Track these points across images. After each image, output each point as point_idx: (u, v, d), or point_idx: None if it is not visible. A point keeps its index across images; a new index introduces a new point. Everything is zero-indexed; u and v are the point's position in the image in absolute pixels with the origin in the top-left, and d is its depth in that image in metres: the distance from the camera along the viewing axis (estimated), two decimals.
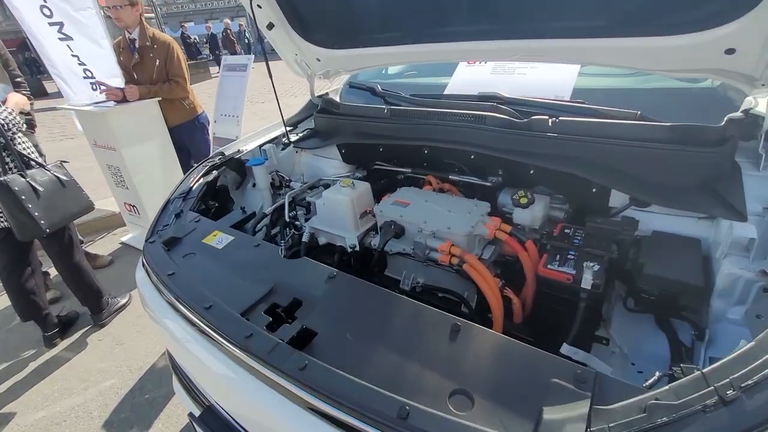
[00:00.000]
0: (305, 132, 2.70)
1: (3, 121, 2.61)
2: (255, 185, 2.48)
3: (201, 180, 2.12)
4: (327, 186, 2.40)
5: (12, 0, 4.02)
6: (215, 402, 1.36)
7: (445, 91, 2.34)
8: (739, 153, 1.50)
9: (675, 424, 0.73)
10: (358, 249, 2.02)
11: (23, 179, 2.65)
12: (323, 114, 2.58)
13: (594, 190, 1.62)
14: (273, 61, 2.06)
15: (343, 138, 2.38)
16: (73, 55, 4.55)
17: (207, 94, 9.82)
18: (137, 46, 3.75)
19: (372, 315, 1.14)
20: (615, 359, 1.53)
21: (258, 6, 2.00)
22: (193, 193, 1.99)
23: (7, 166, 2.70)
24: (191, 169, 2.27)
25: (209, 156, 2.36)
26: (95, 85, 4.59)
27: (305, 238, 2.08)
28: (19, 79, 3.55)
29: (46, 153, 3.51)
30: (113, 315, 3.50)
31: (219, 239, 1.60)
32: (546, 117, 1.78)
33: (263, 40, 2.13)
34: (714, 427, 0.71)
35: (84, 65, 4.62)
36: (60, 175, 2.86)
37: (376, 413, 0.86)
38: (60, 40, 4.43)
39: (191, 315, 1.23)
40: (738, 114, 1.52)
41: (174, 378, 1.82)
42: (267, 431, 1.09)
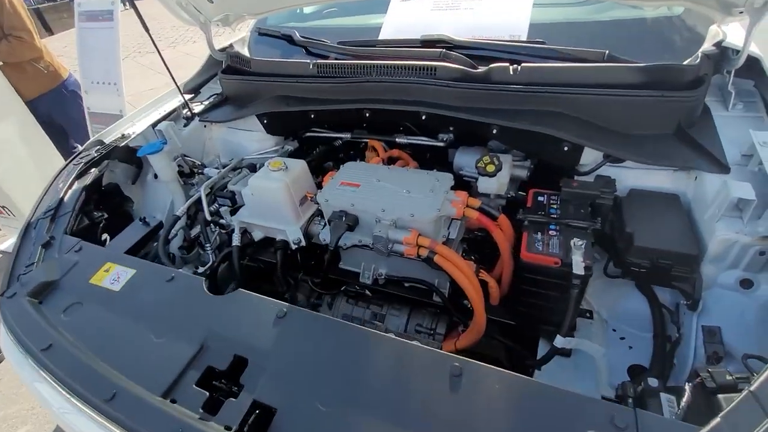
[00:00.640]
0: (212, 100, 2.15)
1: None
2: (157, 177, 1.96)
3: (75, 185, 1.58)
4: (252, 168, 1.97)
5: None
6: None
7: (380, 36, 1.93)
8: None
9: None
10: (304, 244, 1.69)
11: None
12: (231, 75, 2.04)
13: (566, 148, 1.43)
14: None
15: (263, 105, 1.91)
16: None
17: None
18: None
19: (346, 367, 0.88)
20: (594, 327, 1.47)
21: None
22: (67, 207, 1.47)
23: None
24: (60, 169, 1.69)
25: (81, 147, 1.77)
26: None
27: (236, 238, 1.70)
28: None
29: None
30: None
31: (114, 276, 1.17)
32: (506, 64, 1.50)
33: None
34: None
35: None
36: None
37: None
38: None
39: (89, 411, 0.87)
40: (711, 48, 1.37)
41: None
42: None
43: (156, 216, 1.95)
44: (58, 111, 3.33)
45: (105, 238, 1.64)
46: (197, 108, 2.11)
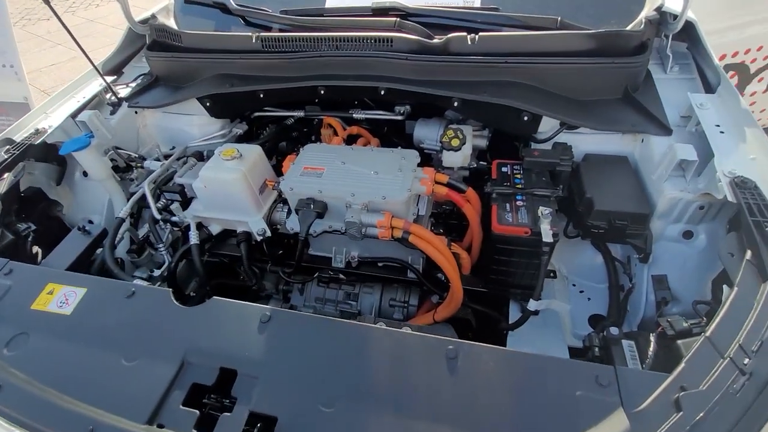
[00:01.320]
0: (139, 81, 1.90)
1: None
2: (87, 174, 1.73)
3: None
4: (199, 156, 1.81)
5: None
6: None
7: (326, 3, 1.79)
8: None
9: (713, 418, 0.70)
10: (269, 234, 1.62)
11: None
12: (159, 52, 1.81)
13: (525, 118, 1.46)
14: None
15: (204, 86, 1.73)
16: None
17: None
18: None
19: (342, 364, 0.87)
20: (557, 284, 1.59)
21: None
22: None
23: None
24: None
25: None
26: None
27: (194, 235, 1.57)
28: None
29: None
30: None
31: (61, 298, 1.04)
32: (464, 34, 1.47)
33: None
34: (750, 409, 0.69)
35: None
36: None
37: None
38: None
39: None
40: (653, 13, 1.44)
41: None
42: None
43: (92, 219, 1.75)
44: None
45: (37, 252, 1.44)
46: (123, 92, 1.86)
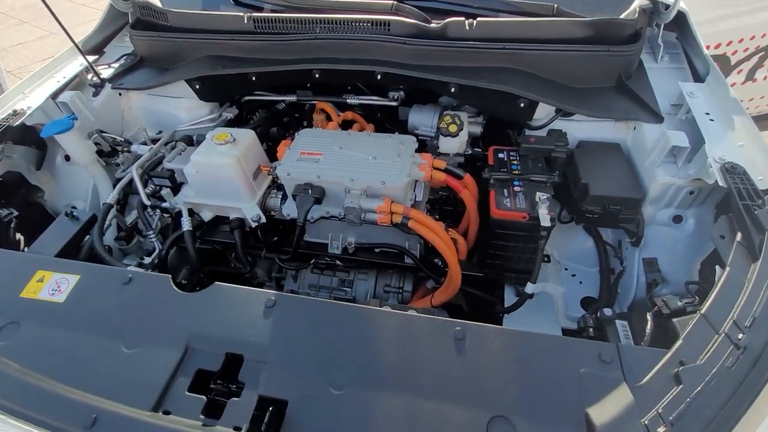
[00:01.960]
0: (123, 62, 1.82)
1: None
2: (69, 158, 1.66)
3: None
4: (189, 141, 1.75)
5: None
6: None
7: None
8: None
9: (710, 390, 0.73)
10: (264, 220, 1.59)
11: None
12: (144, 31, 1.73)
13: (522, 105, 1.47)
14: None
15: (193, 68, 1.66)
16: None
17: None
18: None
19: (350, 347, 0.87)
20: (550, 268, 1.63)
21: None
22: None
23: None
24: None
25: None
26: None
27: (186, 221, 1.53)
28: None
29: None
30: None
31: (52, 285, 1.00)
32: (461, 19, 1.46)
33: None
34: (745, 381, 0.73)
35: None
36: None
37: None
38: None
39: None
40: (646, 2, 1.46)
41: None
42: None
43: (76, 205, 1.68)
44: None
45: (20, 239, 1.37)
46: (105, 72, 1.78)
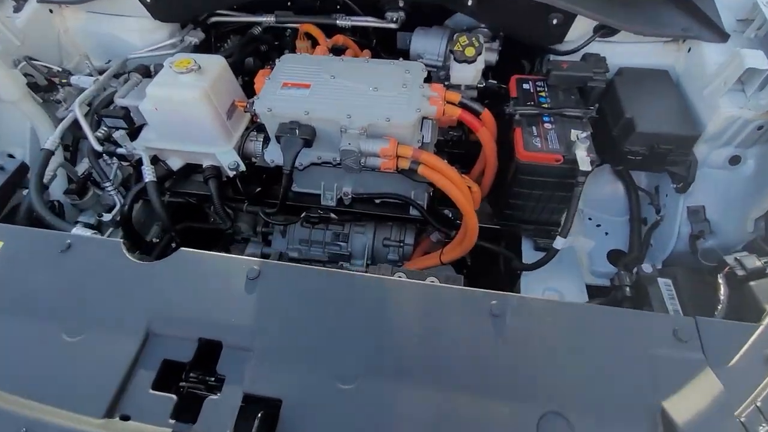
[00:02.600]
0: None
1: None
2: None
3: None
4: (145, 72, 1.43)
5: None
6: None
7: None
8: None
9: None
10: (243, 168, 1.34)
11: None
12: None
13: (554, 21, 1.20)
14: None
15: None
16: None
17: None
18: None
19: (358, 329, 0.69)
20: None
21: None
22: None
23: None
24: None
25: None
26: None
27: (148, 171, 1.28)
28: None
29: None
30: None
31: None
32: None
33: None
34: None
35: None
36: None
37: None
38: None
39: None
40: None
41: None
42: None
43: (13, 153, 1.40)
44: None
45: None
46: None
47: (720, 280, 0.81)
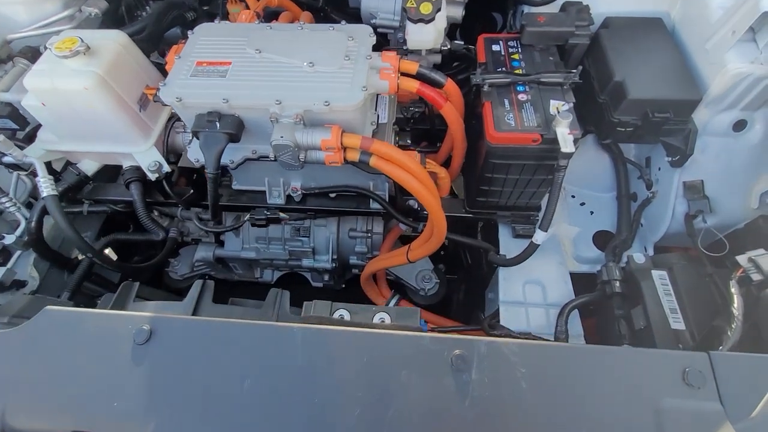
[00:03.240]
0: None
1: None
2: None
3: None
4: (34, 55, 1.16)
5: None
6: None
7: None
8: None
9: None
10: (168, 169, 1.13)
11: None
12: None
13: None
14: None
15: None
16: None
17: None
18: None
19: (284, 405, 0.53)
20: None
21: None
22: None
23: None
24: None
25: None
26: None
27: (44, 182, 1.05)
28: None
29: None
30: None
31: None
32: None
33: None
34: None
35: None
36: None
37: None
38: None
39: None
40: None
41: None
42: None
43: None
44: None
45: None
46: None
47: (732, 288, 0.67)
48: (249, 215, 1.20)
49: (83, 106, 0.98)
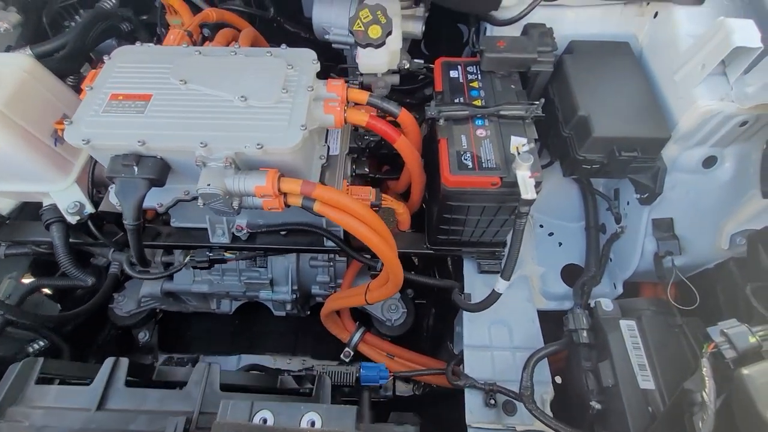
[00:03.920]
0: None
1: None
2: None
3: None
4: None
5: None
6: None
7: None
8: None
9: None
10: (90, 210, 1.00)
11: None
12: None
13: None
14: None
15: None
16: None
17: None
18: None
19: None
20: None
21: None
22: None
23: None
24: None
25: None
26: None
27: None
28: None
29: None
30: None
31: None
32: None
33: None
34: None
35: None
36: None
37: None
38: None
39: None
40: None
41: None
42: None
43: None
44: None
45: None
46: None
47: (704, 366, 0.61)
48: (189, 257, 1.08)
49: None
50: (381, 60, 0.99)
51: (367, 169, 1.19)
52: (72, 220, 0.98)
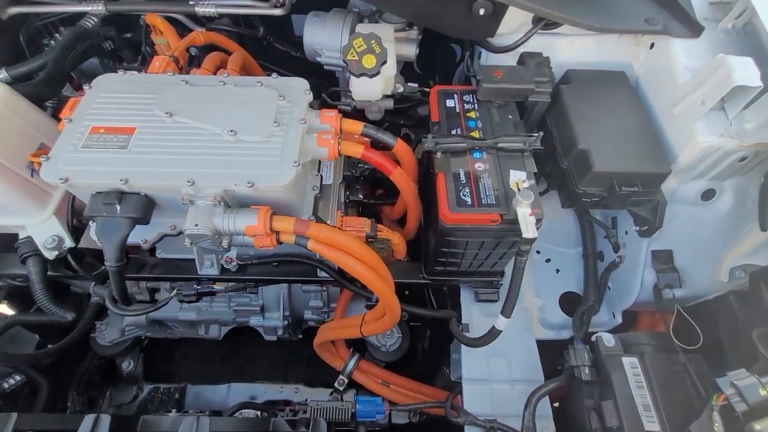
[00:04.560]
0: None
1: None
2: None
3: None
4: None
5: None
6: None
7: None
8: None
9: None
10: (70, 244, 0.95)
11: None
12: None
13: (482, 11, 0.87)
14: None
15: None
16: None
17: None
18: None
19: None
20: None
21: None
22: None
23: None
24: None
25: None
26: None
27: None
28: None
29: None
30: None
31: None
32: None
33: None
34: None
35: None
36: None
37: None
38: None
39: None
40: None
41: None
42: None
43: None
44: None
45: None
46: None
47: (715, 421, 0.59)
48: (176, 291, 1.04)
49: None
50: (375, 88, 0.96)
51: (362, 196, 1.17)
52: (50, 255, 0.93)
